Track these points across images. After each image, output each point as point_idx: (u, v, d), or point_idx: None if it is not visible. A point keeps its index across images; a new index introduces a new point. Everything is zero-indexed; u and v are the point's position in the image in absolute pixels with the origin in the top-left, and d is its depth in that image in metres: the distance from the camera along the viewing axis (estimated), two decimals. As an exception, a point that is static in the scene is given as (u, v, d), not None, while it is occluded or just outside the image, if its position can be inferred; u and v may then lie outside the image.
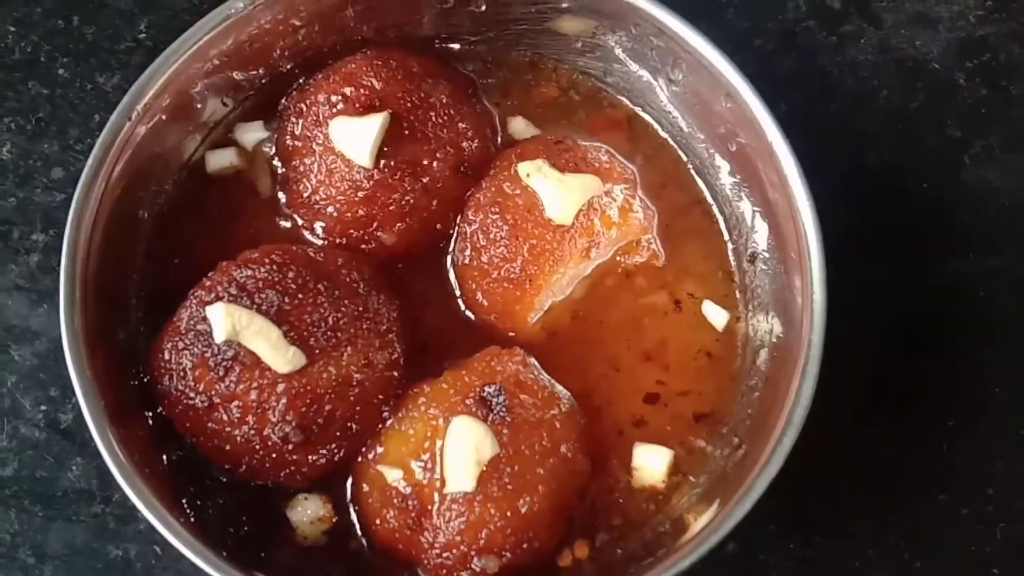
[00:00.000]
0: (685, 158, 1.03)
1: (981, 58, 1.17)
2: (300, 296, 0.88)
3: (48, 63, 1.13)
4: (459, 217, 0.98)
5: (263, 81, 1.02)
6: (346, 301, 0.89)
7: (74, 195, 0.90)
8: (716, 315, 0.99)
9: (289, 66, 1.02)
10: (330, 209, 0.95)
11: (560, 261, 0.95)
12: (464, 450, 0.85)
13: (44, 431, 1.02)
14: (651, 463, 0.94)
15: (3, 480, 1.00)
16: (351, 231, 0.96)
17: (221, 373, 0.86)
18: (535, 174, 0.94)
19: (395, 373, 0.91)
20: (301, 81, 1.02)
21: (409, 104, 0.95)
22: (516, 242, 0.94)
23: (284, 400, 0.86)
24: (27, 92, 1.12)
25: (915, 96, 1.16)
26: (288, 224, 0.99)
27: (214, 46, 0.96)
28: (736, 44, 1.14)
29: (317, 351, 0.87)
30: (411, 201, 0.95)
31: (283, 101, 1.01)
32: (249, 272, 0.88)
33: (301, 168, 0.97)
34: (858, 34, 1.18)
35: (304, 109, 0.97)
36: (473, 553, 0.85)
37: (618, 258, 0.98)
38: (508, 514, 0.85)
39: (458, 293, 0.99)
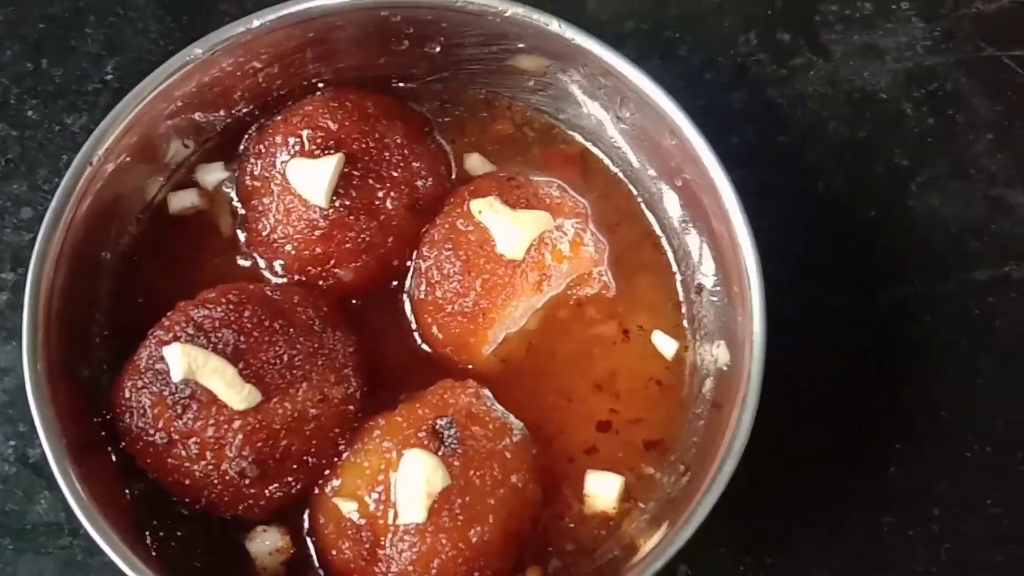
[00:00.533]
0: (636, 192, 1.06)
1: (928, 87, 1.20)
2: (256, 334, 0.90)
3: (17, 105, 1.16)
4: (414, 253, 1.01)
5: (224, 123, 1.05)
6: (302, 338, 0.92)
7: (37, 236, 0.93)
8: (665, 345, 1.01)
9: (249, 108, 1.05)
10: (288, 247, 0.98)
11: (513, 295, 0.98)
12: (416, 482, 0.88)
13: (14, 465, 1.04)
14: (602, 490, 0.97)
15: (-27, 514, 1.03)
16: (309, 268, 0.99)
17: (179, 411, 0.89)
18: (487, 211, 0.97)
19: (351, 407, 0.94)
20: (261, 122, 1.05)
21: (364, 145, 0.98)
22: (469, 277, 0.97)
23: (240, 436, 0.88)
24: (-3, 133, 1.15)
25: (863, 126, 1.19)
26: (248, 263, 1.02)
27: (176, 89, 0.98)
28: (688, 79, 1.19)
29: (273, 388, 0.90)
30: (367, 238, 0.98)
31: (243, 143, 1.04)
32: (206, 312, 0.91)
33: (260, 208, 1.00)
34: (808, 66, 1.21)
35: (263, 150, 1.00)
36: (424, 582, 0.88)
37: (570, 291, 1.01)
38: (459, 544, 0.88)
39: (414, 327, 1.01)
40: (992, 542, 1.05)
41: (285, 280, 1.00)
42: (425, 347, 1.01)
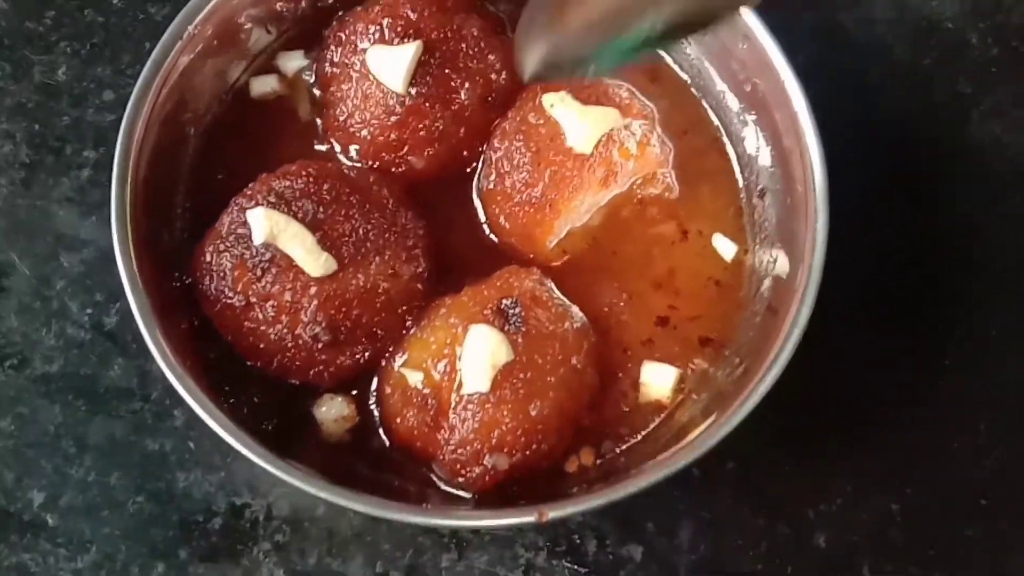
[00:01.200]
0: (703, 99, 1.08)
1: (994, 19, 1.22)
2: (334, 207, 0.94)
3: (103, -7, 1.20)
4: (485, 145, 1.04)
5: (304, 12, 1.08)
6: (376, 215, 0.95)
7: (125, 111, 0.97)
8: (725, 247, 1.04)
9: (329, 0, 1.08)
10: (364, 132, 1.01)
11: (580, 188, 1.00)
12: (480, 355, 0.91)
13: (89, 332, 1.09)
14: (657, 380, 1.00)
15: (50, 376, 1.07)
16: (383, 154, 1.02)
17: (258, 274, 0.92)
18: (558, 104, 1.00)
19: (419, 286, 0.97)
20: (341, 13, 1.08)
21: (442, 35, 1.01)
22: (538, 168, 1.00)
23: (315, 302, 0.92)
24: (83, 19, 1.19)
25: (928, 53, 1.21)
26: (324, 147, 1.05)
27: None
28: (758, -2, 1.21)
29: (347, 259, 0.93)
30: (440, 127, 1.01)
31: (324, 31, 1.07)
32: (287, 183, 0.94)
33: (339, 94, 1.03)
34: (876, -7, 1.23)
35: (343, 38, 1.03)
36: (485, 451, 0.91)
37: (634, 190, 1.04)
38: (519, 416, 0.91)
39: (483, 218, 1.04)
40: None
41: (359, 164, 1.03)
42: (492, 237, 1.04)
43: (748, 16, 0.99)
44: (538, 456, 0.93)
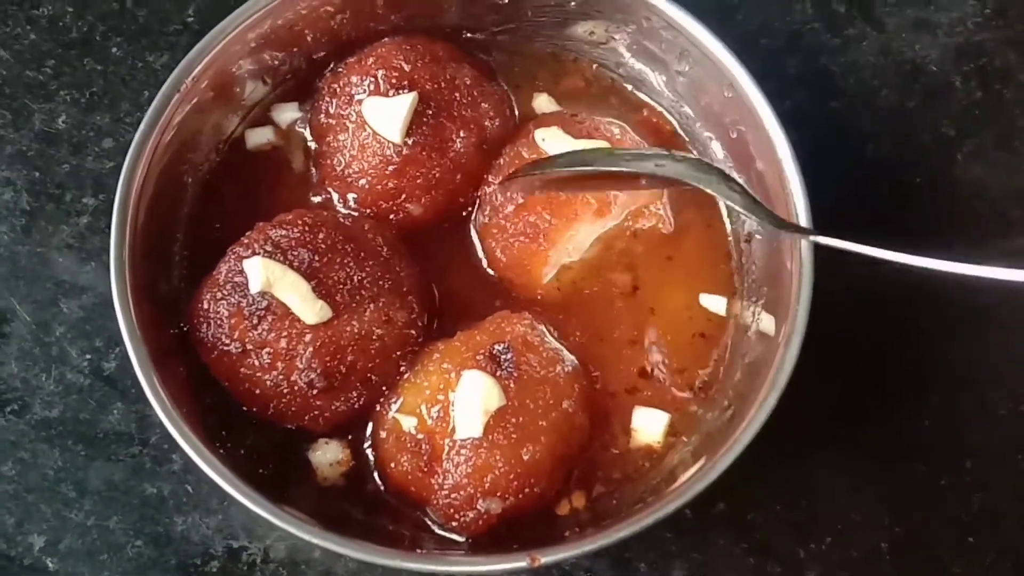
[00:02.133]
0: (690, 143, 1.11)
1: (977, 63, 1.24)
2: (329, 255, 0.96)
3: (103, 42, 1.21)
4: (481, 186, 1.06)
5: (299, 65, 1.10)
6: (371, 262, 0.97)
7: (125, 161, 0.98)
8: (714, 302, 1.06)
9: (322, 51, 1.10)
10: (362, 182, 1.03)
11: (573, 219, 1.02)
12: (473, 400, 0.93)
13: (88, 377, 1.10)
14: (648, 425, 1.02)
15: (50, 421, 1.09)
16: (381, 202, 1.04)
17: (254, 322, 0.94)
18: (550, 139, 1.03)
19: (412, 332, 0.99)
20: (333, 65, 1.10)
21: (436, 85, 1.03)
22: (532, 199, 1.02)
23: (311, 349, 0.94)
24: (83, 68, 1.20)
25: (913, 96, 1.23)
26: (319, 198, 1.07)
27: (254, 30, 1.04)
28: (744, 43, 1.21)
29: (342, 306, 0.95)
30: (437, 175, 1.03)
31: (318, 83, 1.09)
32: (283, 232, 0.96)
33: (335, 144, 1.05)
34: (861, 37, 1.25)
35: (338, 89, 1.05)
36: (479, 495, 0.93)
37: (627, 223, 1.05)
38: (512, 460, 0.93)
39: (481, 254, 1.06)
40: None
41: (356, 213, 1.05)
42: (489, 271, 1.06)
43: (732, 64, 1.01)
44: (531, 499, 0.95)
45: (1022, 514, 1.08)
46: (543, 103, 1.11)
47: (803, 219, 0.97)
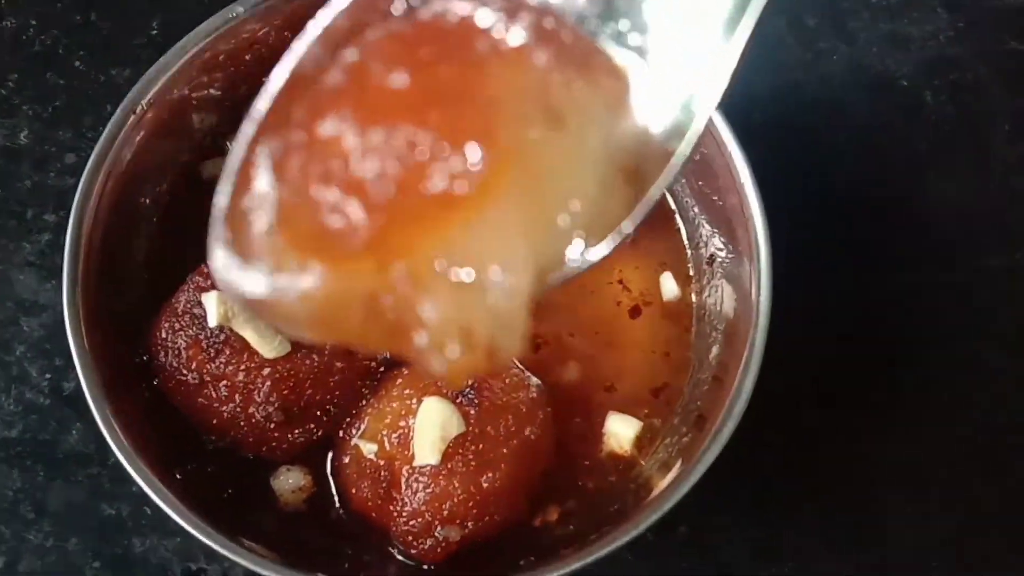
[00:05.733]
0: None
1: (949, 77, 1.23)
2: (288, 287, 0.94)
3: (66, 55, 1.20)
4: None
5: (243, 95, 1.07)
6: (330, 290, 0.96)
7: (79, 183, 0.96)
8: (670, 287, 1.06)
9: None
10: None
11: None
12: (432, 427, 0.92)
13: (48, 397, 1.09)
14: (620, 432, 1.01)
15: (8, 441, 1.08)
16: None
17: (212, 354, 0.93)
18: None
19: (373, 363, 0.99)
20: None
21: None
22: None
23: (269, 383, 0.93)
24: (45, 82, 1.19)
25: (884, 112, 1.22)
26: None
27: (213, 48, 1.01)
28: (715, 57, 1.22)
29: (301, 339, 0.94)
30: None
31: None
32: (241, 260, 0.95)
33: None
34: (832, 51, 1.23)
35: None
36: (437, 523, 0.92)
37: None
38: (470, 488, 0.92)
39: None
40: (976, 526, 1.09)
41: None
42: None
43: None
44: (492, 526, 0.94)
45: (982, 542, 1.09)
46: None
47: (763, 249, 0.95)
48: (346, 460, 0.97)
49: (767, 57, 1.23)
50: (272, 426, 0.94)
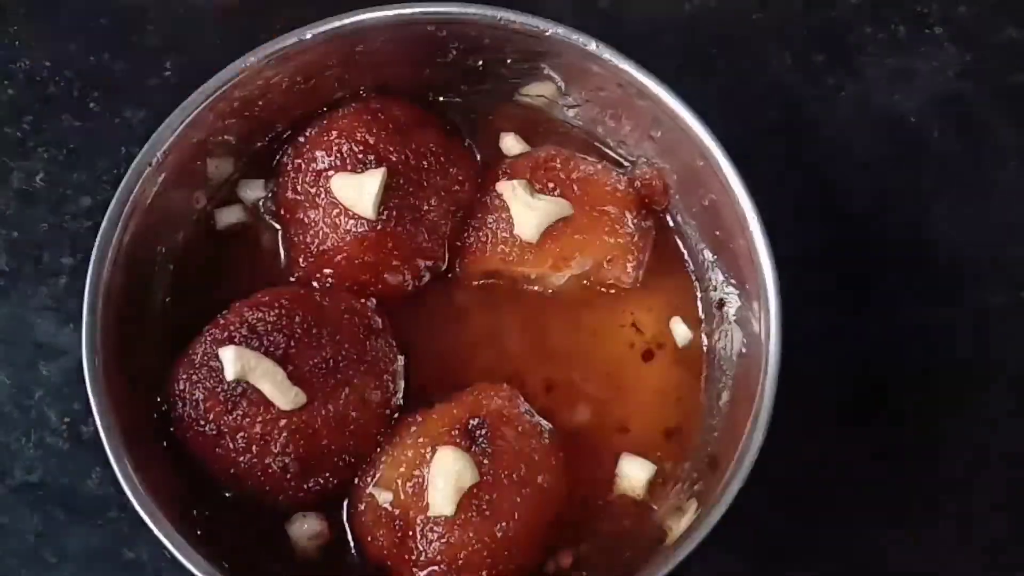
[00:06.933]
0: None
1: (956, 112, 1.24)
2: (305, 340, 0.96)
3: (80, 97, 1.21)
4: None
5: (263, 139, 1.09)
6: (346, 345, 0.97)
7: (99, 229, 0.98)
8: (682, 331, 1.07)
9: (287, 122, 1.09)
10: (338, 258, 1.02)
11: (523, 263, 1.05)
12: (446, 477, 0.93)
13: (67, 441, 1.11)
14: (633, 475, 1.03)
15: (29, 485, 1.09)
16: (359, 275, 1.03)
17: (229, 407, 0.95)
18: (507, 193, 1.04)
19: (387, 411, 1.00)
20: (291, 135, 1.08)
21: (403, 156, 1.02)
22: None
23: (285, 434, 0.94)
24: (60, 124, 1.20)
25: (890, 147, 1.23)
26: (296, 274, 1.05)
27: (225, 99, 1.02)
28: (722, 93, 1.23)
29: (317, 391, 0.95)
30: (414, 245, 1.03)
31: (279, 158, 1.08)
32: (259, 315, 0.96)
33: (306, 221, 1.03)
34: (839, 87, 1.24)
35: (302, 165, 1.04)
36: (452, 572, 0.94)
37: (585, 282, 1.07)
38: (485, 538, 0.93)
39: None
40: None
41: (332, 286, 1.04)
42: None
43: (704, 135, 1.00)
44: (508, 573, 0.96)
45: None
46: (510, 144, 1.10)
47: (772, 296, 0.96)
48: (362, 507, 0.98)
49: (774, 94, 1.24)
50: (288, 476, 0.96)
